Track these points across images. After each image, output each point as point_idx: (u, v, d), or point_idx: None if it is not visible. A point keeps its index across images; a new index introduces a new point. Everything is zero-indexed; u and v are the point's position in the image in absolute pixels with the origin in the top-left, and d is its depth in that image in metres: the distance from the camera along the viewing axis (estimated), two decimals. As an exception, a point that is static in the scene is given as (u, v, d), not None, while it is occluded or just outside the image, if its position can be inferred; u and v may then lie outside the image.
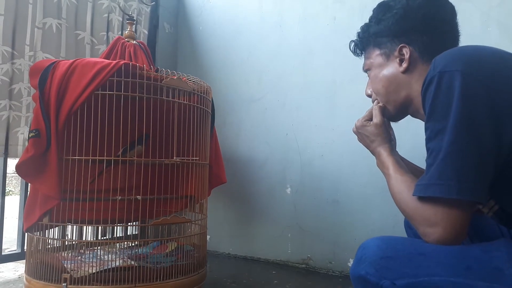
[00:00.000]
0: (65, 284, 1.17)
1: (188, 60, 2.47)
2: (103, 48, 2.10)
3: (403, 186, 0.81)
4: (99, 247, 1.50)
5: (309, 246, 1.97)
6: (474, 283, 0.63)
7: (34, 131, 1.18)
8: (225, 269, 1.93)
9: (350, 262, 1.84)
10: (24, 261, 1.90)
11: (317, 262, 1.94)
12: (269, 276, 1.83)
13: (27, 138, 1.76)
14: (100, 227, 1.55)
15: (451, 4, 0.91)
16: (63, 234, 1.39)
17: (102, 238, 1.68)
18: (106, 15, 2.12)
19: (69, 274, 1.18)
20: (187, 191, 1.45)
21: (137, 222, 1.54)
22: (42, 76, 1.22)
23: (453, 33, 0.90)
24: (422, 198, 0.72)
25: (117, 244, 1.60)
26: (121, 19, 2.22)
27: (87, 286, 1.18)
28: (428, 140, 0.73)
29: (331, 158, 1.93)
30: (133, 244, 1.68)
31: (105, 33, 2.13)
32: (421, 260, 0.68)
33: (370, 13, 1.92)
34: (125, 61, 1.24)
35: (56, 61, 1.25)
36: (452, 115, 0.68)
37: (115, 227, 1.68)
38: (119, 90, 1.22)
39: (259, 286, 1.66)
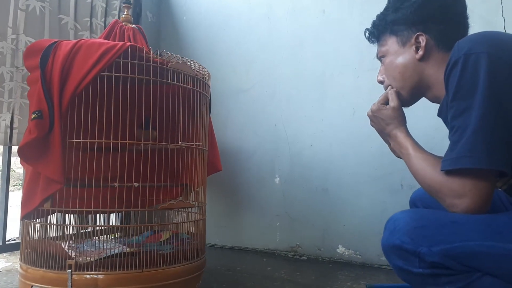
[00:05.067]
0: (70, 270, 1.13)
1: (172, 50, 2.41)
2: (86, 34, 2.04)
3: (425, 163, 0.85)
4: (97, 236, 1.46)
5: (298, 234, 2.01)
6: (506, 245, 0.69)
7: (36, 112, 1.14)
8: (214, 258, 1.93)
9: (339, 248, 1.90)
10: (4, 254, 1.83)
11: (306, 249, 1.98)
12: (261, 263, 1.86)
13: (8, 125, 1.68)
14: (98, 215, 1.51)
15: None
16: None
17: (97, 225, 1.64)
18: (89, 0, 2.06)
19: (73, 260, 1.14)
20: (187, 177, 1.44)
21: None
22: (44, 55, 1.17)
23: (465, 23, 0.96)
24: (449, 172, 0.76)
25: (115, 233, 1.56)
26: (104, 5, 2.16)
27: (93, 272, 1.15)
28: (453, 118, 0.78)
29: (320, 148, 1.97)
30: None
31: (89, 19, 2.07)
32: (454, 227, 0.73)
33: (360, 7, 2.00)
34: (132, 43, 1.22)
35: (57, 41, 1.21)
36: (479, 93, 0.73)
37: (111, 214, 1.65)
38: (125, 72, 1.20)
39: (255, 273, 1.68)
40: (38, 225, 1.25)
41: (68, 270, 1.13)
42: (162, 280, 1.23)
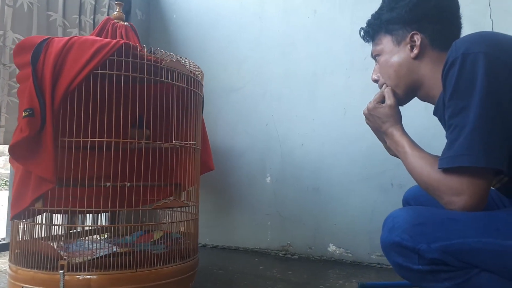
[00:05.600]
0: (62, 271, 1.11)
1: (161, 48, 2.37)
2: (75, 32, 2.02)
3: (423, 161, 0.86)
4: (89, 236, 1.44)
5: (289, 233, 2.01)
6: (503, 242, 0.70)
7: (28, 110, 1.11)
8: (206, 258, 1.92)
9: (330, 247, 1.91)
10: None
11: (297, 248, 1.99)
12: (253, 263, 1.86)
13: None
14: (90, 215, 1.48)
15: None
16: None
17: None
18: (78, -3, 2.03)
19: (66, 261, 1.12)
20: (180, 177, 1.43)
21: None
22: (35, 52, 1.15)
23: (458, 23, 0.98)
24: (447, 170, 0.78)
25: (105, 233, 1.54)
26: (93, 2, 2.13)
27: (85, 273, 1.13)
28: (450, 117, 0.79)
29: (312, 147, 1.98)
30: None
31: (77, 16, 2.04)
32: (452, 224, 0.74)
33: (351, 7, 2.01)
34: (125, 41, 1.20)
35: (49, 37, 1.18)
36: (477, 92, 0.75)
37: (102, 214, 1.62)
38: (119, 70, 1.18)
39: (247, 272, 1.68)
40: (30, 226, 1.22)
41: (60, 271, 1.11)
42: (155, 280, 1.22)
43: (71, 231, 1.50)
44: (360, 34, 1.09)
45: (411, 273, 0.77)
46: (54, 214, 1.35)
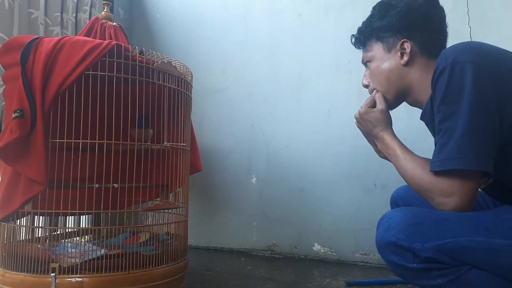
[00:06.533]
0: (54, 274, 1.10)
1: (143, 47, 2.40)
2: (57, 30, 1.98)
3: (414, 164, 0.90)
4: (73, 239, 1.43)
5: (274, 233, 2.04)
6: (493, 241, 0.75)
7: (18, 111, 1.09)
8: (192, 259, 1.89)
9: (315, 246, 1.95)
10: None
11: (282, 248, 2.02)
12: (239, 263, 1.87)
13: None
14: (75, 217, 1.46)
15: (442, 7, 1.04)
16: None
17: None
18: (60, -6, 1.99)
19: (57, 264, 1.11)
20: (169, 178, 1.43)
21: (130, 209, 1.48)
22: (24, 51, 1.13)
23: (445, 32, 1.03)
24: (438, 172, 0.82)
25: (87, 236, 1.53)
26: (75, 0, 2.10)
27: (77, 275, 1.12)
28: (440, 122, 0.83)
29: (297, 148, 2.02)
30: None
31: (59, 14, 2.00)
32: (446, 224, 0.78)
33: (336, 11, 2.05)
34: (117, 42, 1.20)
35: (38, 37, 1.17)
36: (465, 99, 0.79)
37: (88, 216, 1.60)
38: (110, 71, 1.18)
39: (235, 272, 1.69)
40: (18, 228, 1.20)
41: (51, 274, 1.10)
42: (147, 281, 1.22)
43: (57, 233, 1.48)
44: (351, 41, 1.12)
45: (406, 271, 0.81)
46: (36, 216, 1.33)
